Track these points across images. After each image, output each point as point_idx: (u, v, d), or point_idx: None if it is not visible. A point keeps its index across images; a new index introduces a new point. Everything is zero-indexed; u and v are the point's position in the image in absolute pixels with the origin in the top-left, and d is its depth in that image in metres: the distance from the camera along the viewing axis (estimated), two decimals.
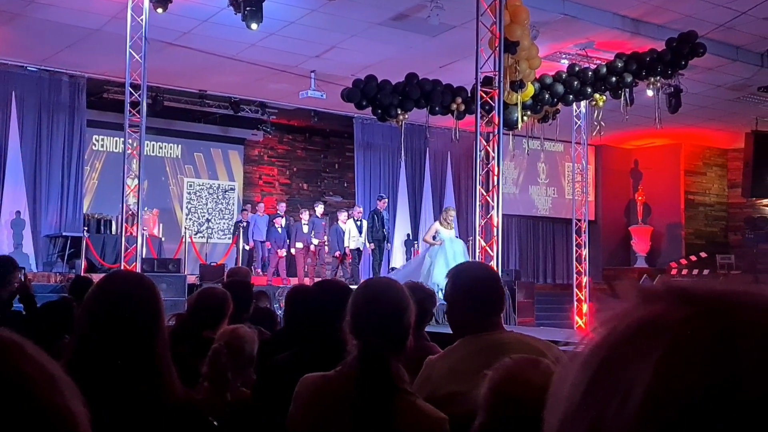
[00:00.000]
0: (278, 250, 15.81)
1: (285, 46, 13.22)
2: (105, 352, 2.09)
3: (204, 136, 18.25)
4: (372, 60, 13.54)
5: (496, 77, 9.77)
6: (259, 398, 2.97)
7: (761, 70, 14.23)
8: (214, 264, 14.47)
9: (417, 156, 18.78)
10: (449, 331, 2.95)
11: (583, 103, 14.40)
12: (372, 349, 2.28)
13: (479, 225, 9.79)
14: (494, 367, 1.96)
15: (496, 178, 9.84)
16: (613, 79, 12.40)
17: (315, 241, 15.79)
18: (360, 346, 2.30)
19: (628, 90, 13.05)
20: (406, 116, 11.76)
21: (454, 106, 11.52)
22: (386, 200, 16.18)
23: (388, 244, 16.13)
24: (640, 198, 20.96)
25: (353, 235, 15.92)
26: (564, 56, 13.75)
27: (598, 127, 13.95)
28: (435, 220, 15.65)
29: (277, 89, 15.62)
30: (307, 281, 14.08)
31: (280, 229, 16.01)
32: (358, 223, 16.06)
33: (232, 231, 17.01)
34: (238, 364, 3.08)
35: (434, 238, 13.78)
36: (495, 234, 9.71)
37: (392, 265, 16.89)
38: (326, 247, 16.19)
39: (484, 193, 9.91)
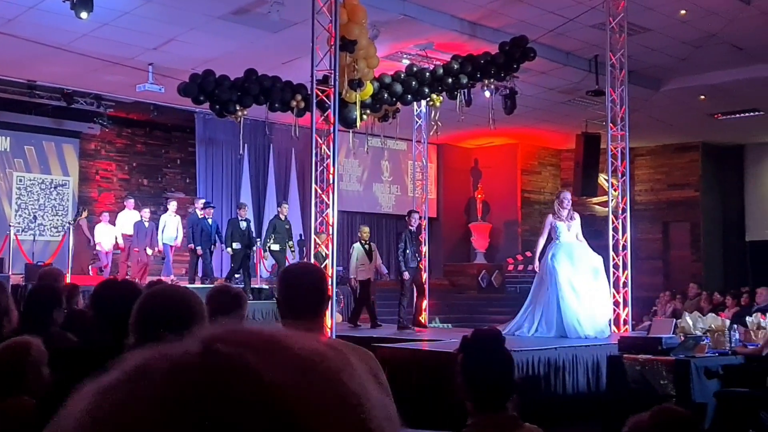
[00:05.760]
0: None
1: (120, 37, 12.75)
2: None
3: (35, 128, 17.32)
4: (213, 54, 13.27)
5: (332, 75, 9.79)
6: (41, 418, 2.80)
7: (589, 75, 14.95)
8: (42, 263, 13.79)
9: (261, 152, 18.59)
10: None
11: (423, 103, 14.66)
12: None
13: (315, 223, 9.78)
14: None
15: (331, 176, 9.85)
16: (450, 80, 12.70)
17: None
18: None
19: (465, 91, 13.42)
20: (245, 112, 11.60)
21: (294, 103, 11.45)
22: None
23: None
24: (479, 196, 21.60)
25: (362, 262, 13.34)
26: (405, 56, 13.97)
27: (435, 127, 14.25)
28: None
29: (113, 81, 15.04)
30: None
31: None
32: (367, 247, 13.47)
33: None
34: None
35: (549, 240, 10.62)
36: (330, 232, 9.73)
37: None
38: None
39: (320, 191, 9.91)
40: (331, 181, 9.87)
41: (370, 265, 13.31)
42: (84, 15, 10.29)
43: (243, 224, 15.12)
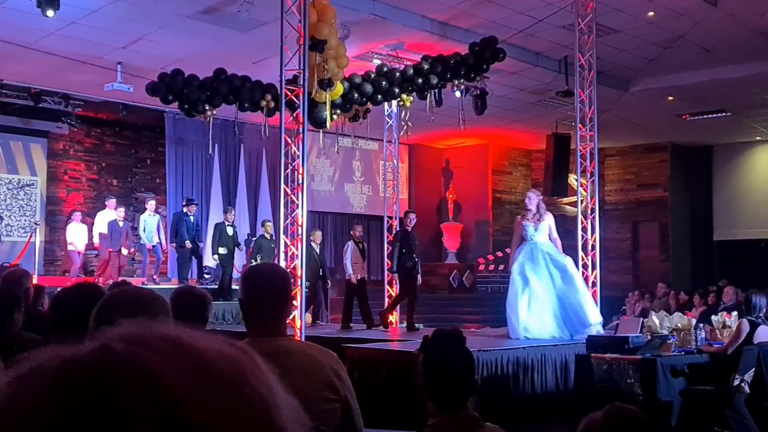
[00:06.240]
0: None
1: (88, 36, 12.62)
2: None
3: (2, 128, 17.05)
4: (182, 53, 13.18)
5: (302, 75, 9.76)
6: None
7: (559, 76, 15.04)
8: (7, 264, 13.63)
9: (231, 152, 18.50)
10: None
11: (394, 103, 14.67)
12: None
13: (284, 224, 9.74)
14: None
15: (301, 176, 9.82)
16: (420, 80, 12.71)
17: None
18: None
19: (435, 91, 13.43)
20: (214, 112, 11.52)
21: (264, 103, 11.40)
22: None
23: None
24: (450, 196, 21.65)
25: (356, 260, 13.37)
26: (376, 56, 13.97)
27: (405, 127, 14.27)
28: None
29: (81, 81, 14.88)
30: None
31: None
32: (360, 245, 13.53)
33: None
34: None
35: (523, 241, 10.47)
36: (300, 233, 9.69)
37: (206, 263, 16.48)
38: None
39: (289, 192, 9.87)
40: (300, 182, 9.84)
41: (363, 263, 13.47)
42: (50, 13, 10.17)
43: (230, 230, 15.03)
